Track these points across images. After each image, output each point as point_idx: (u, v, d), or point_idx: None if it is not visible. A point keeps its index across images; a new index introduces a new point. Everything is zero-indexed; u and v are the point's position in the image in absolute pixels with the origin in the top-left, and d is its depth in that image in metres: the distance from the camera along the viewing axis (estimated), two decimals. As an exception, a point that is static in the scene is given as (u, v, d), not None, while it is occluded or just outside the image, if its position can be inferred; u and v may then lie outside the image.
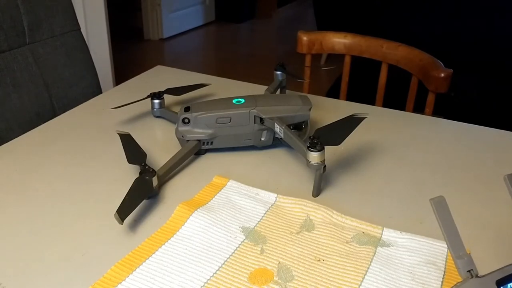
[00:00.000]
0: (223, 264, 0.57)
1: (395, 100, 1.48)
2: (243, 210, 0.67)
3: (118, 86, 1.11)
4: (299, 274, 0.56)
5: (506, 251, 0.61)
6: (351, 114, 0.77)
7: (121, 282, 0.54)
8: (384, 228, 0.64)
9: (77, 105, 1.01)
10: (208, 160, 0.81)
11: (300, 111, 0.80)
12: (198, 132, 0.80)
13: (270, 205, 0.68)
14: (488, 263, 0.59)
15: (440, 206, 0.41)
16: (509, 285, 0.42)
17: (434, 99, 1.17)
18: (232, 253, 0.59)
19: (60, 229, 0.64)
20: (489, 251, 0.61)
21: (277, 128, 0.78)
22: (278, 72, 1.01)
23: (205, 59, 3.82)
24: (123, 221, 0.62)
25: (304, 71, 1.39)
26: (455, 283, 0.55)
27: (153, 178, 0.69)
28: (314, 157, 0.69)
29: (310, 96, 1.03)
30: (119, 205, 0.67)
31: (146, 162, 0.73)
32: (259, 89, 1.07)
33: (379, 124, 0.94)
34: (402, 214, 0.68)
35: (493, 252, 0.61)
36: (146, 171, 0.69)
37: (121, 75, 2.72)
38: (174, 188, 0.73)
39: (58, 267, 0.57)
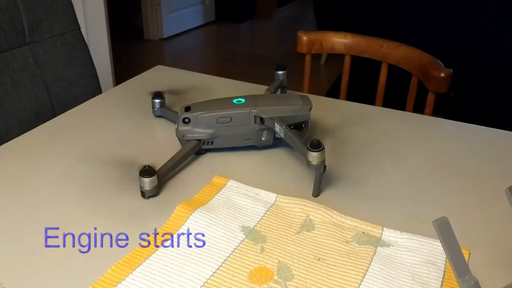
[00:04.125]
0: (223, 263, 0.57)
1: (395, 100, 1.48)
2: (243, 210, 0.67)
3: (118, 86, 1.11)
4: (299, 273, 0.56)
5: (506, 251, 0.61)
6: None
7: (121, 282, 0.54)
8: (384, 228, 0.64)
9: (77, 105, 1.01)
10: (208, 160, 0.81)
11: (301, 111, 0.80)
12: (199, 131, 0.80)
13: (270, 205, 0.68)
14: (488, 263, 0.59)
15: (443, 228, 0.38)
16: None
17: (434, 99, 1.17)
18: (232, 252, 0.59)
19: (60, 229, 0.64)
20: (489, 251, 0.61)
21: (277, 128, 0.79)
22: (279, 72, 1.01)
23: (205, 59, 3.82)
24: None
25: (304, 70, 1.39)
26: (455, 282, 0.55)
27: (153, 178, 0.69)
28: (314, 157, 0.69)
29: (310, 96, 1.03)
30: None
31: (146, 162, 0.73)
32: (259, 89, 1.07)
33: (379, 124, 0.94)
34: (402, 214, 0.68)
35: (493, 252, 0.61)
36: (146, 171, 0.69)
37: (121, 75, 2.72)
38: (174, 188, 0.73)
39: (58, 267, 0.57)
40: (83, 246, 0.61)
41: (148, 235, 0.62)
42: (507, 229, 0.65)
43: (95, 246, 0.61)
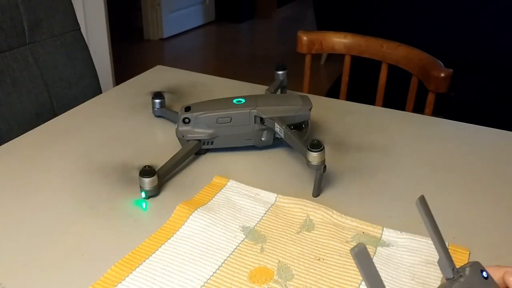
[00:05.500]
0: (223, 263, 0.57)
1: (395, 100, 1.48)
2: (243, 210, 0.67)
3: (118, 86, 1.11)
4: (299, 273, 0.56)
5: (506, 251, 0.61)
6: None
7: (121, 282, 0.54)
8: (384, 228, 0.64)
9: (77, 105, 1.01)
10: (208, 160, 0.81)
11: (301, 111, 0.80)
12: (199, 132, 0.80)
13: (270, 205, 0.68)
14: (488, 263, 0.59)
15: (361, 256, 0.35)
16: None
17: (434, 99, 1.17)
18: (232, 252, 0.59)
19: (60, 229, 0.64)
20: (489, 251, 0.61)
21: (277, 128, 0.78)
22: (279, 72, 1.01)
23: (205, 59, 3.82)
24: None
25: (304, 70, 1.39)
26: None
27: (153, 178, 0.69)
28: (314, 157, 0.69)
29: (310, 96, 1.03)
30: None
31: (146, 162, 0.74)
32: (259, 89, 1.07)
33: (379, 124, 0.94)
34: (402, 214, 0.68)
35: (493, 252, 0.61)
36: (146, 171, 0.69)
37: (121, 75, 2.72)
38: (174, 188, 0.73)
39: (58, 267, 0.57)
40: (83, 246, 0.61)
41: (148, 235, 0.62)
42: (507, 229, 0.65)
43: (95, 246, 0.61)
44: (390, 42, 1.29)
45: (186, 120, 0.80)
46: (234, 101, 0.82)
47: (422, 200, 0.42)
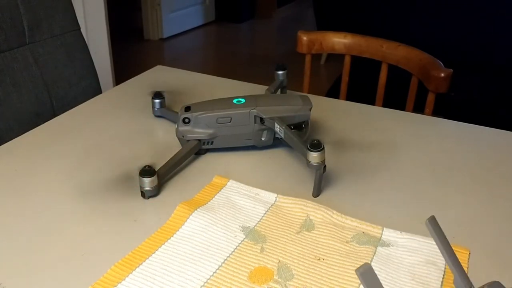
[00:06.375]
0: (223, 263, 0.57)
1: (395, 100, 1.48)
2: (243, 210, 0.67)
3: (118, 86, 1.11)
4: (299, 273, 0.56)
5: (506, 251, 0.61)
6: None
7: (121, 282, 0.54)
8: (384, 228, 0.64)
9: (77, 105, 1.01)
10: (208, 160, 0.81)
11: (301, 111, 0.80)
12: (199, 132, 0.80)
13: (270, 205, 0.68)
14: (488, 263, 0.59)
15: (368, 276, 0.34)
16: None
17: (434, 99, 1.17)
18: (232, 252, 0.59)
19: (59, 229, 0.64)
20: (489, 251, 0.61)
21: (277, 128, 0.79)
22: (279, 72, 1.01)
23: (205, 59, 3.82)
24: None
25: (304, 70, 1.39)
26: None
27: (153, 178, 0.69)
28: (314, 157, 0.69)
29: (310, 96, 1.03)
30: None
31: (147, 162, 0.73)
32: (259, 89, 1.07)
33: (379, 124, 0.94)
34: (402, 214, 0.68)
35: (493, 252, 0.61)
36: (146, 171, 0.69)
37: (121, 75, 2.72)
38: (174, 188, 0.73)
39: (58, 267, 0.57)
40: (83, 246, 0.61)
41: (148, 235, 0.62)
42: (507, 229, 0.65)
43: (95, 246, 0.61)
44: (390, 42, 1.29)
45: (186, 120, 0.80)
46: (234, 101, 0.82)
47: (433, 221, 0.40)
